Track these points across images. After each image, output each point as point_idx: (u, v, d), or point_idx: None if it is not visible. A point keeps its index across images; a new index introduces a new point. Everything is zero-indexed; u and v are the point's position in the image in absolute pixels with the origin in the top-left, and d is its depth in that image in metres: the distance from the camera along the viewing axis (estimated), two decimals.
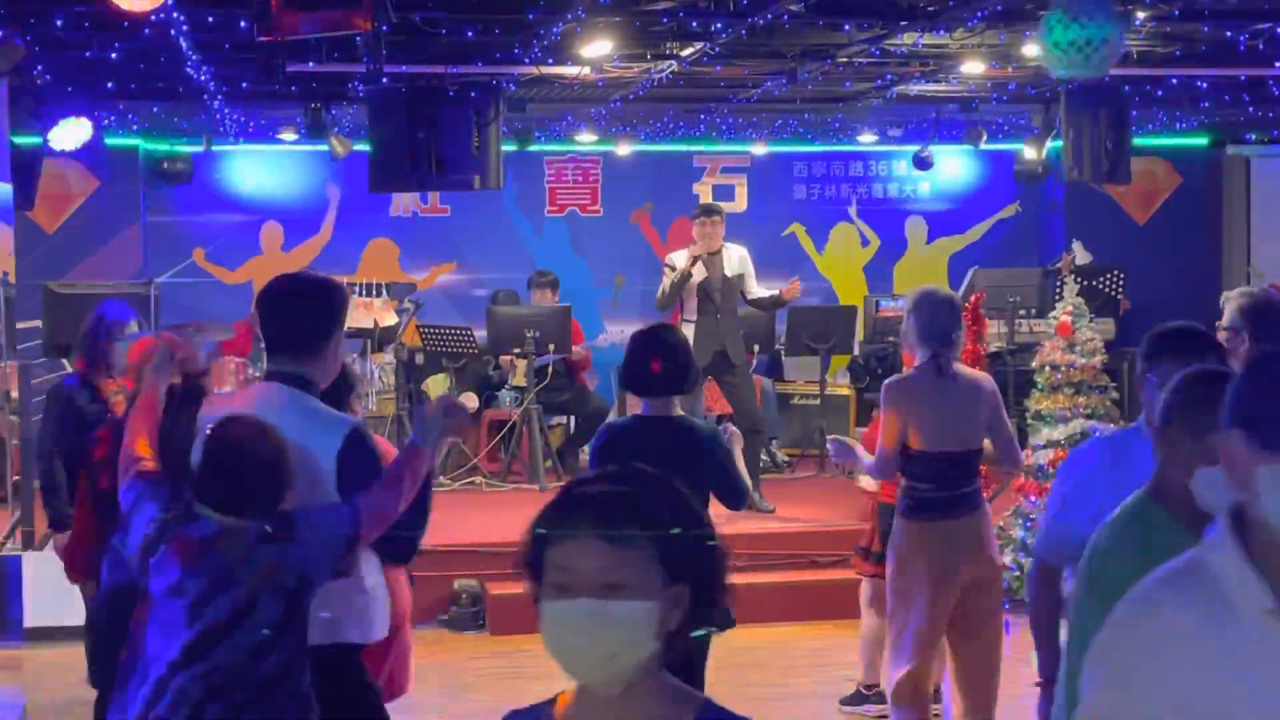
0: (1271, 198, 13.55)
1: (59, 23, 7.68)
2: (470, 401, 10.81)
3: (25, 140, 9.58)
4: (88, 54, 8.21)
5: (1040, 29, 6.70)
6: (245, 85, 9.48)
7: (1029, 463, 8.10)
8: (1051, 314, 10.62)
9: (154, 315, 9.53)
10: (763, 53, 8.97)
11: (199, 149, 12.35)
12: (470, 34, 8.09)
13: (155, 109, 10.88)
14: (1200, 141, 13.54)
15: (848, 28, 8.12)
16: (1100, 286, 11.43)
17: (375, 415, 10.44)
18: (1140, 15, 7.63)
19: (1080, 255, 12.32)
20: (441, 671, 7.25)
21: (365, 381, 10.20)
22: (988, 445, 5.65)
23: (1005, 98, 10.87)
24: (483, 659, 7.66)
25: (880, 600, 6.30)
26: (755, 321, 10.72)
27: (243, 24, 7.43)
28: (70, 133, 9.42)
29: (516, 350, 10.47)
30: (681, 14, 7.75)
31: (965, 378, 5.61)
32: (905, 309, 5.69)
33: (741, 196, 13.47)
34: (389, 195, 12.50)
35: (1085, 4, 6.54)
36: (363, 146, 9.88)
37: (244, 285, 12.49)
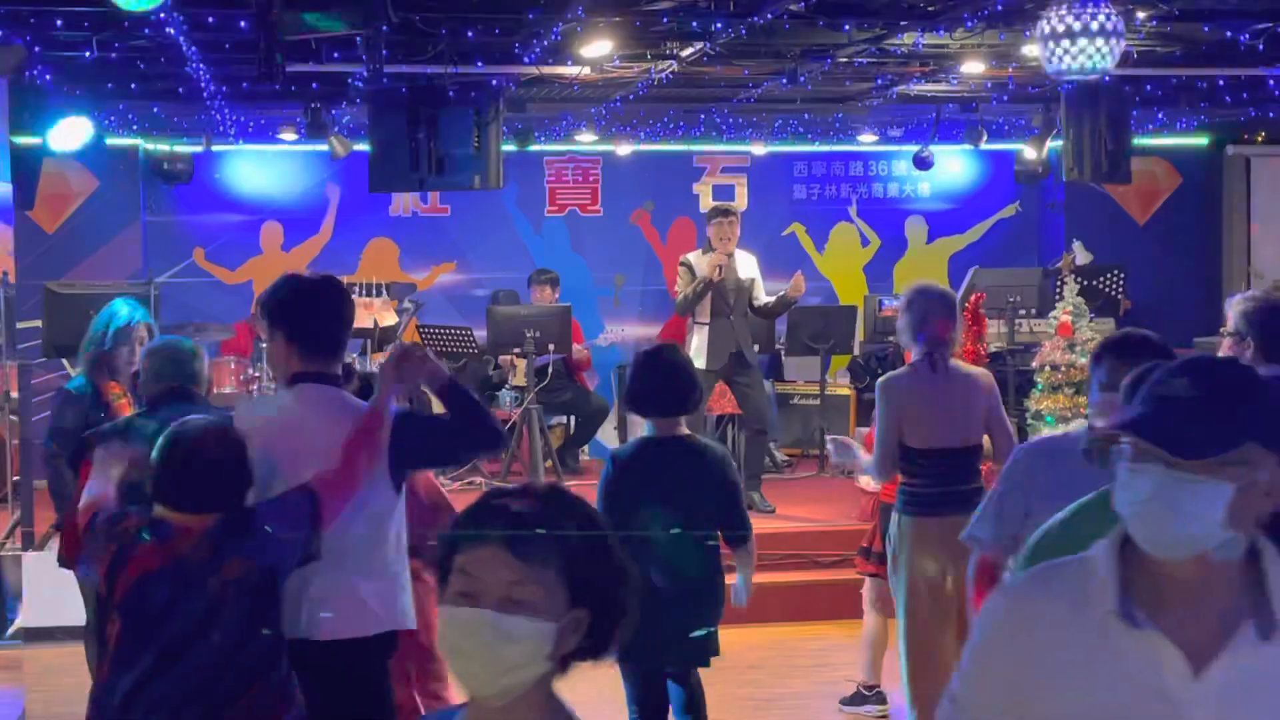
0: (1271, 198, 13.54)
1: (59, 23, 7.67)
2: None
3: (25, 140, 9.57)
4: (88, 54, 8.20)
5: None
6: (245, 85, 9.47)
7: None
8: (1051, 314, 10.62)
9: (154, 315, 9.52)
10: (763, 53, 8.96)
11: (199, 149, 12.34)
12: (470, 34, 8.09)
13: (155, 109, 10.87)
14: (1200, 141, 13.53)
15: (848, 28, 8.12)
16: (1100, 286, 11.42)
17: None
18: (1140, 15, 7.63)
19: (1080, 255, 12.33)
20: None
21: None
22: (988, 442, 5.65)
23: (1005, 98, 10.86)
24: None
25: (883, 600, 6.31)
26: (755, 321, 10.72)
27: (243, 24, 7.43)
28: (70, 133, 9.42)
29: (516, 350, 10.46)
30: (681, 14, 7.74)
31: (961, 374, 5.61)
32: (899, 305, 5.69)
33: (741, 196, 13.46)
34: (389, 195, 12.50)
35: None
36: (363, 146, 9.88)
37: (244, 285, 12.49)
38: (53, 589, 7.09)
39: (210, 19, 7.53)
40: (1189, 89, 10.45)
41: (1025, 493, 3.87)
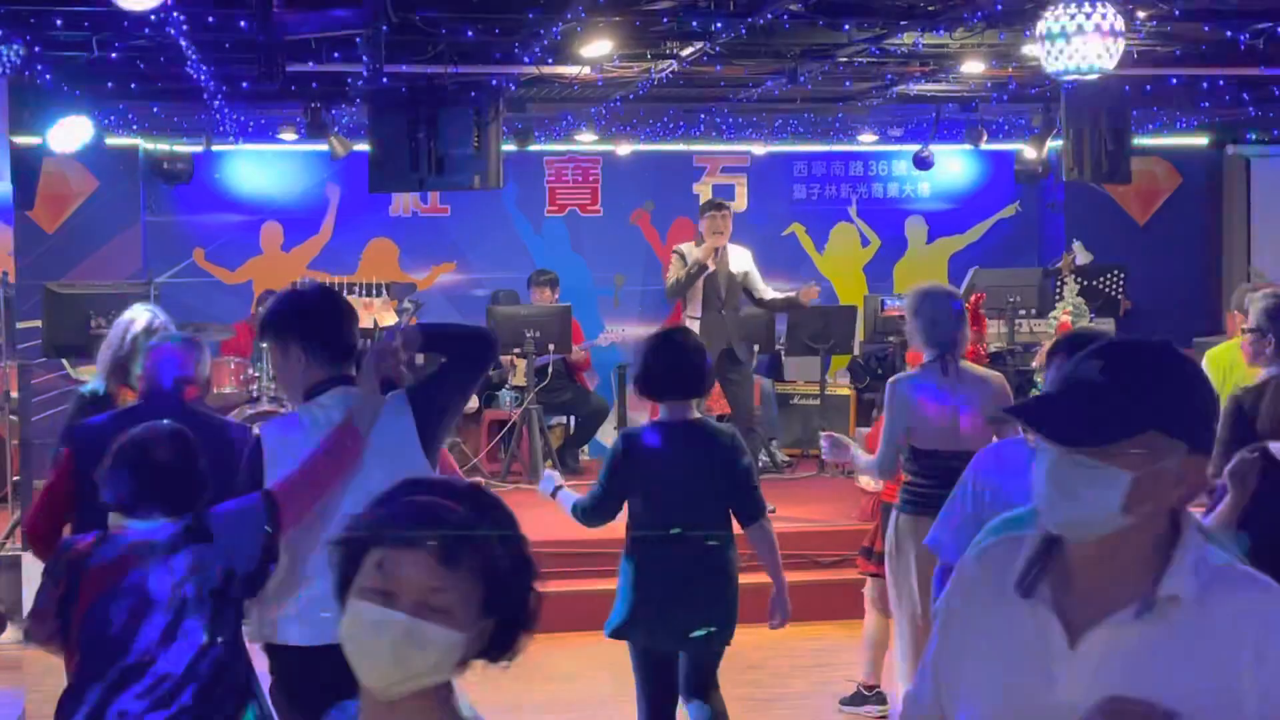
0: (1271, 198, 13.54)
1: (59, 23, 7.67)
2: (470, 402, 10.82)
3: (25, 140, 9.57)
4: (88, 54, 8.20)
5: None
6: (245, 85, 9.47)
7: None
8: (1051, 314, 10.62)
9: None
10: (763, 53, 8.96)
11: (199, 149, 12.34)
12: (470, 34, 8.08)
13: (155, 109, 10.87)
14: (1200, 141, 13.52)
15: (848, 28, 8.12)
16: (1100, 286, 11.42)
17: None
18: (1140, 15, 7.62)
19: (1080, 255, 12.33)
20: None
21: None
22: None
23: (1005, 98, 10.86)
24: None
25: (885, 600, 6.30)
26: (755, 321, 10.72)
27: (243, 24, 7.43)
28: (70, 133, 9.41)
29: (516, 350, 10.47)
30: (681, 14, 7.74)
31: (971, 376, 5.59)
32: (907, 308, 5.68)
33: (741, 196, 13.46)
34: (389, 195, 12.49)
35: None
36: (363, 146, 9.88)
37: (244, 285, 12.50)
38: None
39: (210, 19, 7.52)
40: (1189, 89, 10.44)
41: (978, 497, 3.89)
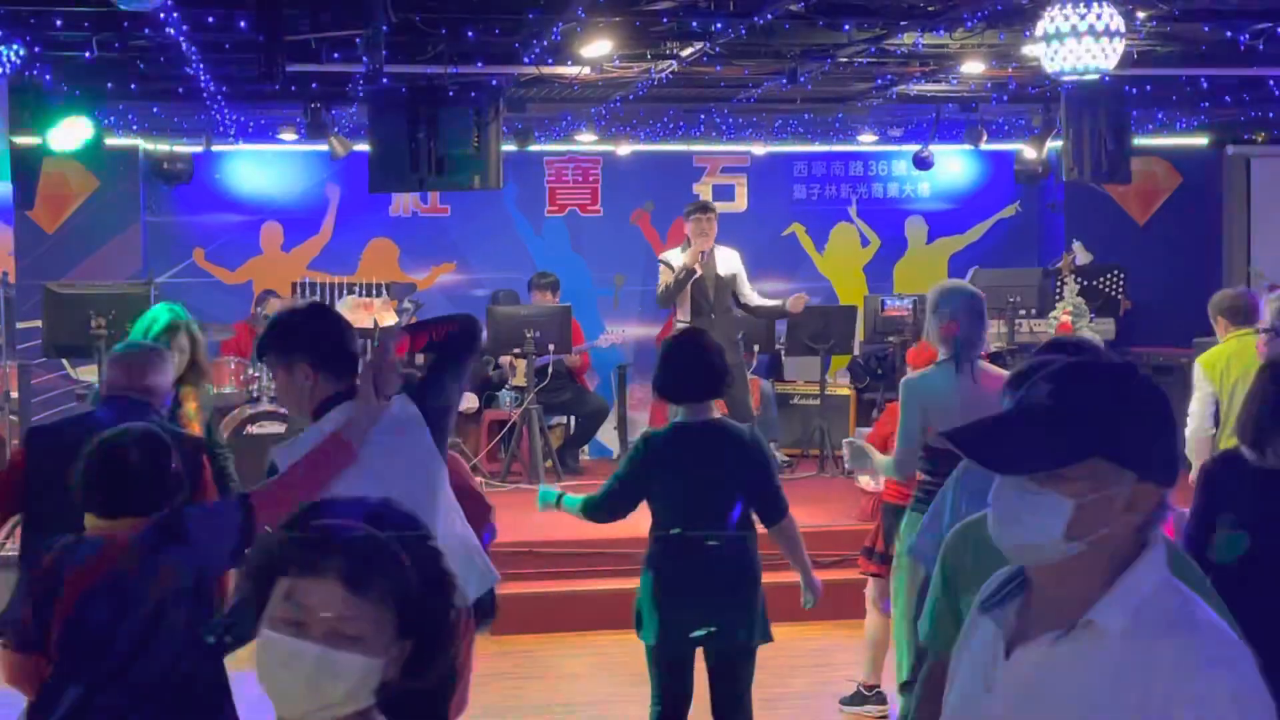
0: (1271, 198, 13.54)
1: (59, 23, 7.67)
2: (470, 402, 10.84)
3: (25, 140, 9.57)
4: (88, 54, 8.20)
5: None
6: (245, 85, 9.47)
7: None
8: (1051, 314, 10.62)
9: None
10: (763, 53, 8.96)
11: (199, 149, 12.35)
12: (470, 34, 8.08)
13: (155, 109, 10.87)
14: (1200, 141, 13.53)
15: (848, 28, 8.11)
16: (1100, 286, 11.42)
17: None
18: (1140, 15, 7.62)
19: (1080, 255, 12.34)
20: None
21: None
22: None
23: (1005, 98, 10.85)
24: (483, 660, 7.62)
25: (885, 600, 6.30)
26: (755, 322, 10.72)
27: (242, 24, 7.43)
28: (70, 133, 9.41)
29: (516, 350, 10.47)
30: (681, 14, 7.74)
31: (988, 375, 5.57)
32: (928, 305, 5.64)
33: (741, 196, 13.47)
34: (389, 195, 12.50)
35: None
36: (362, 146, 9.88)
37: (244, 285, 12.50)
38: None
39: (210, 19, 7.52)
40: (1189, 89, 10.44)
41: (955, 510, 3.90)
